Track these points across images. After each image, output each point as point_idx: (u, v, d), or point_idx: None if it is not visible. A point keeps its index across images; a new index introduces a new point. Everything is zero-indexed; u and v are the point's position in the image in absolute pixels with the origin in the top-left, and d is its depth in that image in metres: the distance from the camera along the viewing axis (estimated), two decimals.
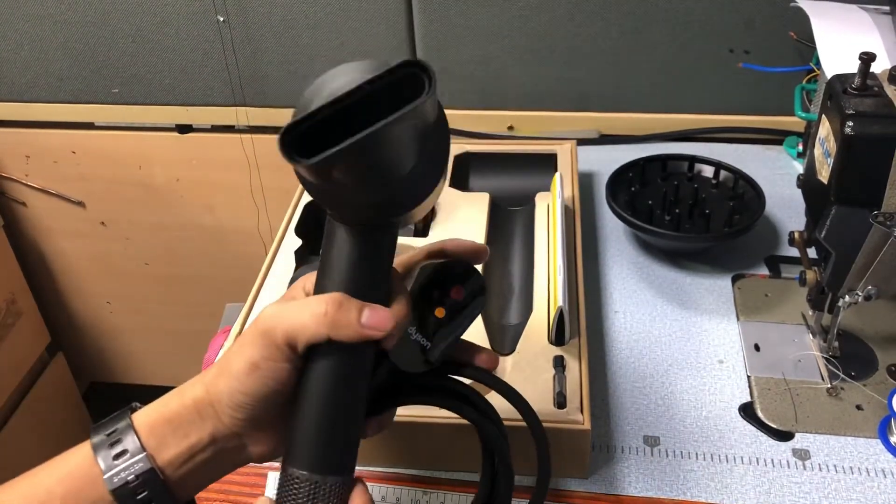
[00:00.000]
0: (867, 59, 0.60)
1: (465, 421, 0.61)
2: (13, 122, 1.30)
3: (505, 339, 0.71)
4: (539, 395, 0.63)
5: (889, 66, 0.62)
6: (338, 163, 0.36)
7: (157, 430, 0.43)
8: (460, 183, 0.92)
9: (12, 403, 1.39)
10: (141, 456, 0.42)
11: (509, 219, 0.87)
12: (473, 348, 0.51)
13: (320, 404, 0.42)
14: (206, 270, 1.44)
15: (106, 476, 0.41)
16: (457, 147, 0.96)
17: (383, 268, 0.45)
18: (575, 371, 0.65)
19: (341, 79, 0.38)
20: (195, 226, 1.37)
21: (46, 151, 1.32)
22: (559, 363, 0.66)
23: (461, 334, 0.50)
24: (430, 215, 0.83)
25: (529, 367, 0.66)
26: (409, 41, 1.11)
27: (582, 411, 0.61)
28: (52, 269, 1.50)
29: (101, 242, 1.43)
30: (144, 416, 0.43)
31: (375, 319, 0.42)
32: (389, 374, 0.47)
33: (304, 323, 0.41)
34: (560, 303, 0.66)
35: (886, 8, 0.85)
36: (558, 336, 0.67)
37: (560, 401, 0.62)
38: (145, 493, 0.41)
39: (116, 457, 0.42)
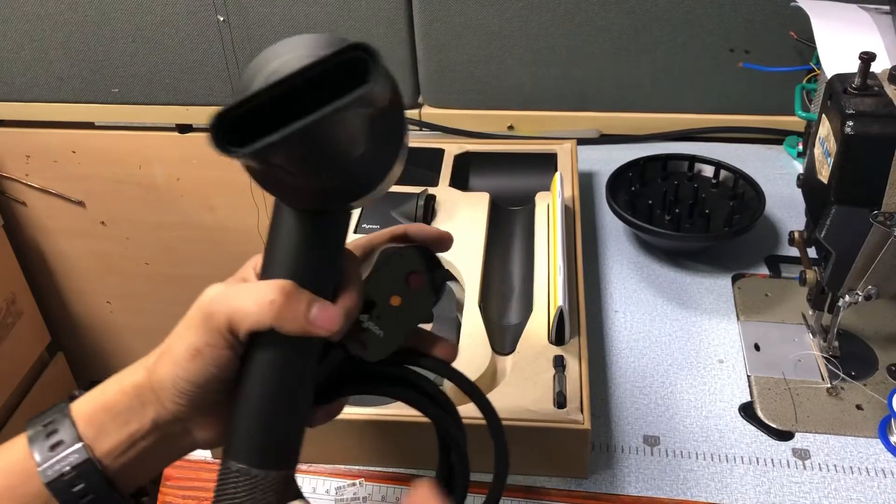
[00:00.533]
0: (867, 58, 0.60)
1: (467, 421, 0.61)
2: (13, 122, 1.30)
3: (505, 338, 0.71)
4: (539, 395, 0.63)
5: (889, 66, 0.62)
6: (277, 152, 0.34)
7: (96, 418, 0.41)
8: (460, 183, 0.92)
9: (12, 403, 1.39)
10: (77, 446, 0.40)
11: (509, 218, 0.87)
12: (432, 338, 0.48)
13: (260, 396, 0.40)
14: (207, 270, 1.44)
15: (40, 469, 0.39)
16: (457, 147, 0.96)
17: (333, 254, 0.43)
18: (575, 371, 0.65)
19: (285, 56, 0.36)
20: (195, 225, 1.36)
21: (46, 151, 1.32)
22: (559, 363, 0.66)
23: (418, 324, 0.47)
24: (430, 214, 0.83)
25: (529, 367, 0.66)
26: (409, 40, 1.11)
27: (582, 411, 0.61)
28: (52, 269, 1.50)
29: (102, 242, 1.43)
30: (82, 405, 0.41)
31: (323, 318, 0.40)
32: (340, 362, 0.45)
33: (247, 310, 0.39)
34: (560, 302, 0.66)
35: (886, 7, 0.85)
36: (558, 336, 0.67)
37: (560, 400, 0.62)
38: (82, 485, 0.39)
39: (52, 448, 0.40)
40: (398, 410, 0.63)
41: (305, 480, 0.65)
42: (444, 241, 0.49)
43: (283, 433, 0.41)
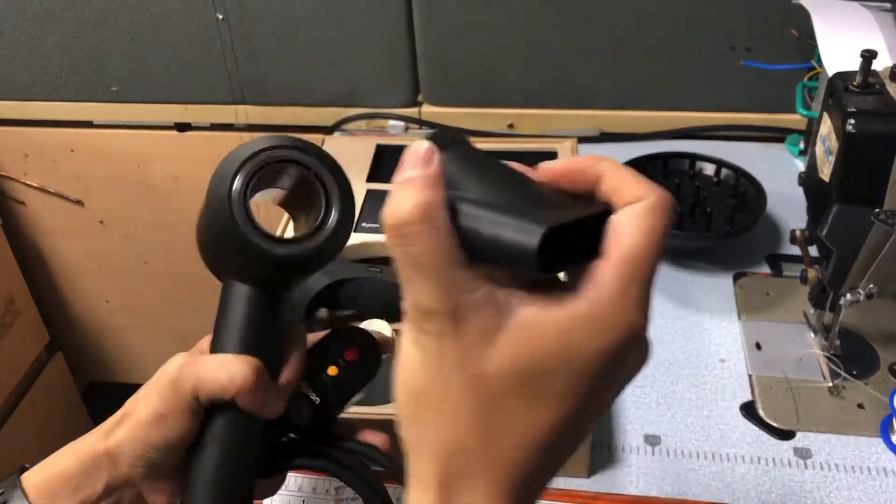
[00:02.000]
0: (869, 56, 0.60)
1: None
2: (12, 121, 1.29)
3: None
4: None
5: (891, 64, 0.61)
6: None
7: (48, 486, 0.42)
8: None
9: (11, 403, 1.38)
10: None
11: None
12: (363, 427, 0.51)
13: (217, 457, 0.43)
14: (206, 269, 1.43)
15: None
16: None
17: (283, 328, 0.46)
18: None
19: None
20: (194, 224, 1.36)
21: (45, 150, 1.32)
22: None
23: (351, 396, 0.51)
24: None
25: None
26: (408, 39, 1.11)
27: None
28: (50, 268, 1.50)
29: (100, 241, 1.43)
30: (34, 475, 0.43)
31: (272, 404, 0.44)
32: (281, 438, 0.48)
33: (217, 380, 0.42)
34: None
35: (888, 5, 0.84)
36: None
37: None
38: None
39: None
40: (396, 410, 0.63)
41: (305, 481, 0.65)
42: (387, 344, 0.52)
43: (236, 493, 0.44)
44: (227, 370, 0.42)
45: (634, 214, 0.28)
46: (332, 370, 0.49)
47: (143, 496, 0.44)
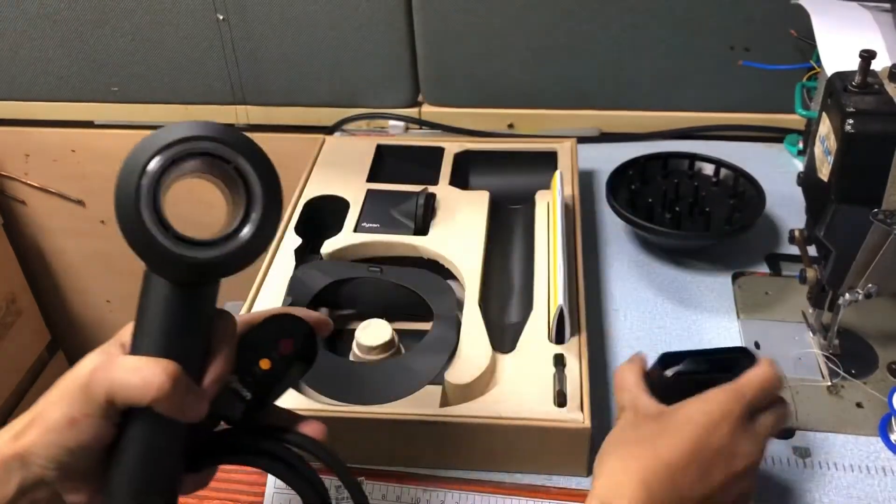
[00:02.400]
0: (868, 56, 0.60)
1: (467, 420, 0.61)
2: (12, 121, 1.30)
3: (505, 337, 0.71)
4: (539, 394, 0.63)
5: (890, 64, 0.61)
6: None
7: None
8: (460, 181, 0.92)
9: (12, 402, 1.39)
10: None
11: (509, 217, 0.87)
12: (301, 418, 0.49)
13: (135, 464, 0.42)
14: None
15: None
16: (457, 145, 0.96)
17: (205, 326, 0.44)
18: (575, 369, 0.65)
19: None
20: (195, 224, 1.36)
21: (46, 150, 1.32)
22: (559, 361, 0.66)
23: (284, 389, 0.48)
24: (430, 213, 0.83)
25: (529, 366, 0.66)
26: (408, 39, 1.11)
27: (582, 409, 0.61)
28: (51, 268, 1.50)
29: (101, 241, 1.43)
30: None
31: (193, 409, 0.42)
32: (210, 428, 0.46)
33: (131, 386, 0.40)
34: (560, 301, 0.66)
35: (887, 5, 0.85)
36: (558, 334, 0.67)
37: (560, 399, 0.62)
38: None
39: None
40: (397, 409, 0.63)
41: None
42: (322, 326, 0.50)
43: (157, 495, 0.43)
44: (141, 376, 0.40)
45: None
46: (265, 363, 0.46)
47: (59, 497, 0.43)
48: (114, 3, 1.13)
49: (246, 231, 0.41)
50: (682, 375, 0.51)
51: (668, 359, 0.54)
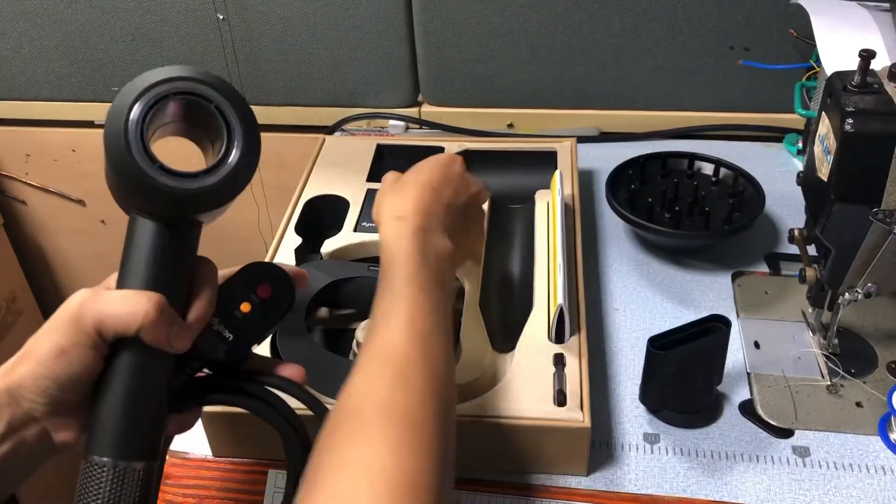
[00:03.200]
0: (867, 56, 0.60)
1: (467, 419, 0.62)
2: (13, 121, 1.30)
3: (505, 336, 0.71)
4: (539, 393, 0.63)
5: (889, 64, 0.62)
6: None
7: None
8: None
9: None
10: None
11: (509, 217, 0.87)
12: (280, 362, 0.52)
13: (122, 391, 0.43)
14: None
15: None
16: (456, 145, 0.96)
17: (189, 263, 0.46)
18: (575, 369, 0.65)
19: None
20: None
21: (46, 150, 1.32)
22: (559, 361, 0.66)
23: (264, 332, 0.51)
24: None
25: (529, 365, 0.66)
26: (408, 38, 1.11)
27: (582, 409, 0.61)
28: (52, 268, 1.50)
29: (102, 240, 1.43)
30: None
31: (179, 338, 0.44)
32: (192, 369, 0.48)
33: (118, 315, 0.42)
34: (560, 301, 0.66)
35: (887, 5, 0.85)
36: (558, 334, 0.67)
37: (560, 398, 0.62)
38: None
39: None
40: None
41: None
42: (300, 278, 0.54)
43: (144, 427, 0.44)
44: (128, 305, 0.42)
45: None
46: (245, 307, 0.50)
47: (48, 433, 0.44)
48: (114, 3, 1.13)
49: (232, 157, 0.44)
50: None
51: (654, 339, 0.63)
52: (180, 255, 0.45)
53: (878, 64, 0.61)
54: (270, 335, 0.52)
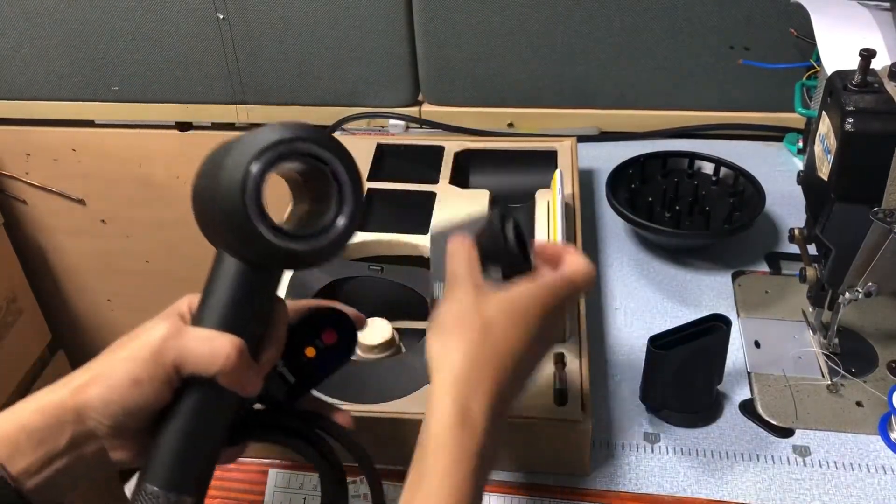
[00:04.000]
0: (867, 55, 0.60)
1: None
2: (13, 121, 1.30)
3: None
4: (540, 393, 0.63)
5: (889, 63, 0.62)
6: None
7: (10, 437, 0.42)
8: (460, 180, 0.92)
9: (13, 402, 1.38)
10: None
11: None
12: (333, 407, 0.53)
13: (187, 430, 0.44)
14: (207, 268, 1.43)
15: None
16: (457, 144, 0.96)
17: (268, 308, 0.47)
18: (575, 368, 0.65)
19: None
20: (195, 223, 1.36)
21: (47, 149, 1.32)
22: (559, 360, 0.66)
23: (324, 377, 0.51)
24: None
25: None
26: (408, 38, 1.11)
27: (583, 408, 0.61)
28: (52, 267, 1.50)
29: (102, 240, 1.43)
30: None
31: (253, 384, 0.45)
32: (252, 409, 0.49)
33: (200, 357, 0.43)
34: None
35: (887, 4, 0.85)
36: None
37: (560, 398, 0.62)
38: None
39: None
40: (398, 408, 0.63)
41: (306, 479, 0.65)
42: (360, 321, 0.54)
43: (200, 465, 0.45)
44: (210, 348, 0.43)
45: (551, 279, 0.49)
46: (310, 351, 0.50)
47: (106, 451, 0.44)
48: (114, 3, 1.13)
49: (340, 223, 0.44)
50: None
51: (654, 339, 0.64)
52: (264, 299, 0.46)
53: (879, 63, 0.61)
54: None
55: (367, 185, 0.89)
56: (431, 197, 0.84)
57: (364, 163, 0.93)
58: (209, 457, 0.45)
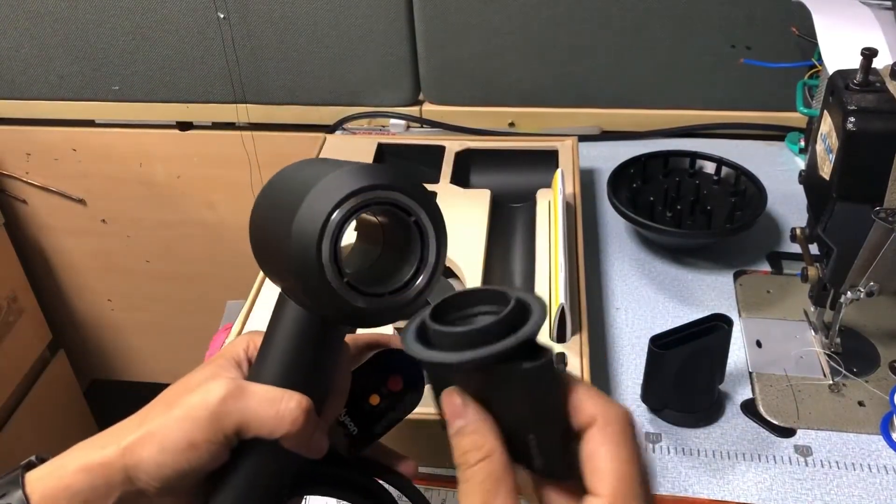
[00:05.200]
0: (869, 54, 0.60)
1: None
2: (14, 120, 1.30)
3: None
4: None
5: (891, 62, 0.61)
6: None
7: (52, 498, 0.39)
8: (461, 180, 0.92)
9: (14, 401, 1.39)
10: None
11: (510, 216, 0.87)
12: (396, 454, 0.49)
13: (247, 494, 0.41)
14: (207, 268, 1.44)
15: None
16: (458, 144, 0.96)
17: (334, 361, 0.43)
18: (576, 368, 0.65)
19: None
20: (196, 223, 1.36)
21: (47, 149, 1.32)
22: (561, 360, 0.66)
23: (389, 427, 0.47)
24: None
25: None
26: (409, 38, 1.11)
27: None
28: (53, 267, 1.50)
29: (102, 240, 1.43)
30: (38, 482, 0.39)
31: (320, 446, 0.42)
32: (309, 462, 0.45)
33: (266, 420, 0.39)
34: (561, 300, 0.66)
35: (888, 3, 0.84)
36: (560, 333, 0.67)
37: None
38: None
39: None
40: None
41: None
42: None
43: None
44: (275, 409, 0.39)
45: (608, 443, 0.33)
46: (374, 399, 0.46)
47: None
48: (114, 3, 1.13)
49: (420, 280, 0.40)
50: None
51: (656, 339, 0.63)
52: (331, 352, 0.42)
53: (880, 62, 0.61)
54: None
55: None
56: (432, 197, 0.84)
57: (365, 162, 0.93)
58: None
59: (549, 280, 0.73)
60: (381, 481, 0.47)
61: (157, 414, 0.40)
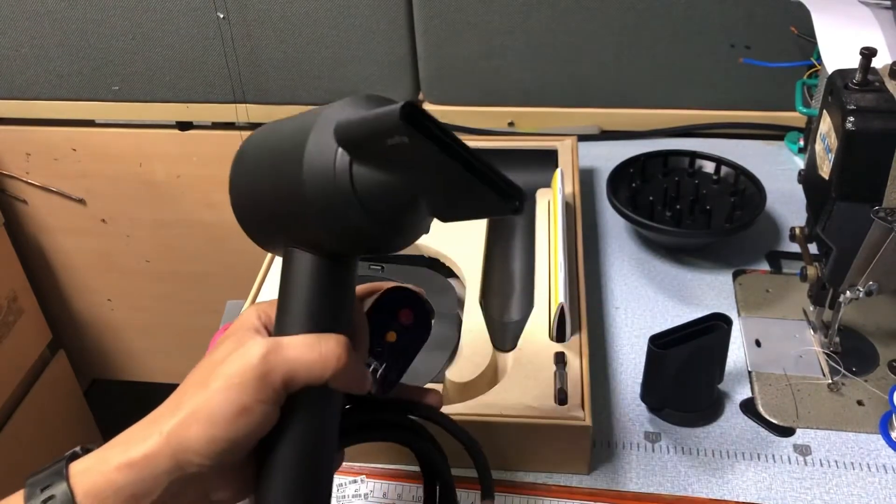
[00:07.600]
0: (868, 54, 0.60)
1: (468, 418, 0.62)
2: (13, 120, 1.30)
3: (506, 335, 0.71)
4: (540, 392, 0.63)
5: (890, 61, 0.61)
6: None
7: (96, 492, 0.38)
8: None
9: (14, 401, 1.39)
10: None
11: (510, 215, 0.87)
12: (418, 388, 0.49)
13: (305, 449, 0.40)
14: (208, 267, 1.44)
15: None
16: None
17: (352, 299, 0.43)
18: (576, 367, 0.65)
19: None
20: (196, 223, 1.36)
21: (47, 149, 1.32)
22: (560, 359, 0.66)
23: (409, 360, 0.48)
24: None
25: (530, 364, 0.66)
26: (409, 37, 1.11)
27: (583, 407, 0.61)
28: (53, 267, 1.50)
29: (102, 240, 1.43)
30: (83, 476, 0.38)
31: (366, 379, 0.42)
32: (347, 412, 0.46)
33: (310, 364, 0.39)
34: (561, 299, 0.66)
35: (888, 3, 0.84)
36: (559, 332, 0.67)
37: (561, 397, 0.62)
38: None
39: None
40: None
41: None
42: (423, 294, 0.51)
43: (323, 485, 0.41)
44: (318, 352, 0.39)
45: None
46: (391, 336, 0.47)
47: (207, 494, 0.41)
48: (114, 2, 1.13)
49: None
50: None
51: (655, 338, 0.64)
52: (348, 290, 0.42)
53: (880, 62, 0.61)
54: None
55: None
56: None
57: None
58: (329, 473, 0.42)
59: (549, 280, 0.73)
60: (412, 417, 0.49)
61: (193, 394, 0.39)
